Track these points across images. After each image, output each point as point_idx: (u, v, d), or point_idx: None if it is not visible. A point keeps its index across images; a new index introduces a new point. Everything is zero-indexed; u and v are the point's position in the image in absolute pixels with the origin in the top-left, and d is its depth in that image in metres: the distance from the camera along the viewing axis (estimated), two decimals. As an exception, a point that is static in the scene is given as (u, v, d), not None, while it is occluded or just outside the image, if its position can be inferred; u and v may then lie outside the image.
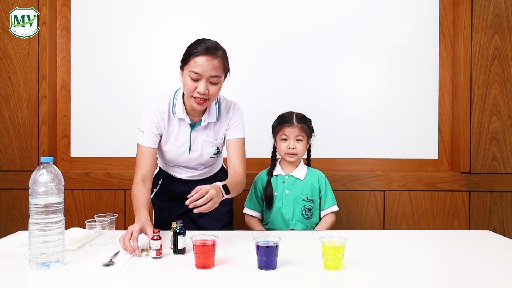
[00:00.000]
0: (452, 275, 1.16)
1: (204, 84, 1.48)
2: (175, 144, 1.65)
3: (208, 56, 1.47)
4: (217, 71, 1.49)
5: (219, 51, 1.50)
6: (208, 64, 1.47)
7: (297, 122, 1.81)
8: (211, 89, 1.50)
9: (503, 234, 2.24)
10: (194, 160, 1.70)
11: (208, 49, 1.47)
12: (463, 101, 2.30)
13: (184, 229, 1.30)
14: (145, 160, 1.59)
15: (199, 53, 1.47)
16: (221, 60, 1.50)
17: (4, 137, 2.30)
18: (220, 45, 1.54)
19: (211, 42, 1.52)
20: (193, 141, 1.64)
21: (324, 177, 1.88)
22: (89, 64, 2.40)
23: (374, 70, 2.42)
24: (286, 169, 1.86)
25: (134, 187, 1.55)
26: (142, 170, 1.58)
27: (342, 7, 2.39)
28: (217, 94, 1.54)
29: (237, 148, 1.64)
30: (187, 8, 2.39)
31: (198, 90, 1.48)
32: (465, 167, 2.30)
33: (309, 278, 1.10)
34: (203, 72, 1.47)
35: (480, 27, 2.29)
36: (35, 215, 1.14)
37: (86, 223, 1.46)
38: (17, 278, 1.11)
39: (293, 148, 1.80)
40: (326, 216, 1.85)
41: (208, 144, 1.66)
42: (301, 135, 1.81)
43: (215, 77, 1.49)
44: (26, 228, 1.28)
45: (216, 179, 1.81)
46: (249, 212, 1.88)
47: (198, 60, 1.47)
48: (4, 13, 2.27)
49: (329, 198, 1.86)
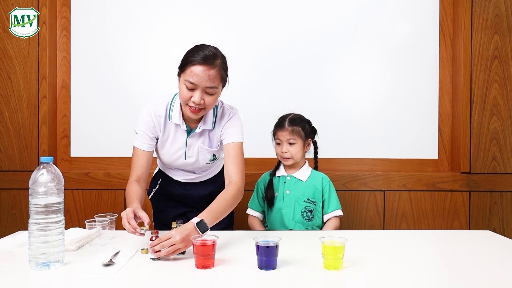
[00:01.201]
0: (452, 275, 1.16)
1: (200, 95, 1.43)
2: (171, 149, 1.63)
3: (205, 66, 1.40)
4: (214, 82, 1.43)
5: (217, 60, 1.44)
6: (205, 74, 1.41)
7: (289, 125, 1.79)
8: (206, 99, 1.45)
9: (503, 234, 2.24)
10: (190, 165, 1.68)
11: (206, 59, 1.41)
12: (463, 101, 2.30)
13: (184, 229, 1.30)
14: (140, 162, 1.58)
15: (196, 62, 1.41)
16: (218, 70, 1.44)
17: (4, 137, 2.30)
18: (219, 53, 1.48)
19: (210, 49, 1.45)
20: (189, 147, 1.62)
21: (328, 181, 1.85)
22: (89, 64, 2.40)
23: (374, 70, 2.42)
24: (289, 170, 1.86)
25: (128, 186, 1.53)
26: (136, 172, 1.56)
27: (342, 7, 2.39)
28: (213, 104, 1.49)
29: (232, 153, 1.56)
30: (187, 8, 2.39)
31: (193, 100, 1.43)
32: (465, 167, 2.30)
33: (309, 278, 1.10)
34: (199, 83, 1.41)
35: (480, 27, 2.29)
36: (35, 215, 1.14)
37: (86, 223, 1.46)
38: (17, 278, 1.11)
39: (286, 152, 1.78)
40: (330, 220, 1.82)
41: (204, 151, 1.64)
42: (293, 138, 1.78)
43: (211, 88, 1.44)
44: (26, 228, 1.28)
45: (214, 181, 1.81)
46: (250, 212, 1.88)
47: (194, 69, 1.41)
48: (4, 13, 2.27)
49: (333, 202, 1.83)
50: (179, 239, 1.22)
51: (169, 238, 1.22)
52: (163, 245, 1.22)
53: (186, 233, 1.24)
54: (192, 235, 1.24)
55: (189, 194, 1.77)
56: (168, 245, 1.22)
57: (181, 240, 1.23)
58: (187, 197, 1.77)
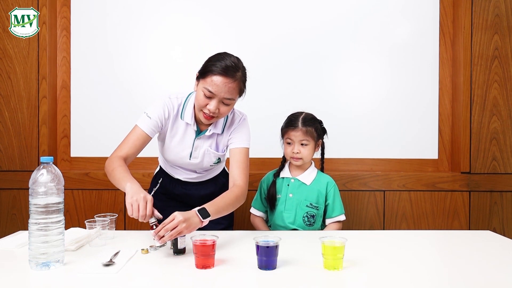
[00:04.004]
0: (452, 275, 1.16)
1: (216, 104, 1.45)
2: (177, 147, 1.63)
3: (226, 79, 1.42)
4: (232, 94, 1.45)
5: (238, 72, 1.45)
6: (224, 86, 1.42)
7: (302, 126, 1.74)
8: (222, 108, 1.47)
9: (503, 234, 2.24)
10: (193, 165, 1.69)
11: (227, 70, 1.42)
12: (463, 101, 2.30)
13: (184, 229, 1.30)
14: (136, 142, 1.53)
15: (217, 73, 1.42)
16: (238, 83, 1.46)
17: (4, 137, 2.30)
18: (241, 65, 1.49)
19: (232, 60, 1.45)
20: (195, 148, 1.62)
21: (333, 185, 1.80)
22: (89, 64, 2.40)
23: (374, 70, 2.42)
24: (294, 172, 1.81)
25: (114, 160, 1.46)
26: (127, 150, 1.51)
27: (342, 7, 2.39)
28: (227, 113, 1.52)
29: (238, 158, 1.58)
30: (187, 8, 2.39)
31: (209, 107, 1.45)
32: (465, 167, 2.30)
33: (309, 278, 1.10)
34: (217, 93, 1.43)
35: (480, 27, 2.29)
36: (35, 215, 1.14)
37: (86, 223, 1.46)
38: (17, 278, 1.10)
39: (298, 152, 1.73)
40: (332, 224, 1.80)
41: (210, 154, 1.65)
42: (306, 139, 1.74)
43: (228, 99, 1.46)
44: (26, 228, 1.28)
45: (215, 182, 1.81)
46: (253, 212, 1.87)
47: (215, 79, 1.42)
48: (4, 13, 2.27)
49: (337, 206, 1.79)
50: (182, 218, 1.24)
51: (172, 220, 1.24)
52: (167, 229, 1.23)
53: (188, 215, 1.27)
54: (194, 220, 1.27)
55: (190, 194, 1.77)
56: (171, 227, 1.23)
57: (184, 220, 1.24)
58: (187, 197, 1.77)
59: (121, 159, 1.47)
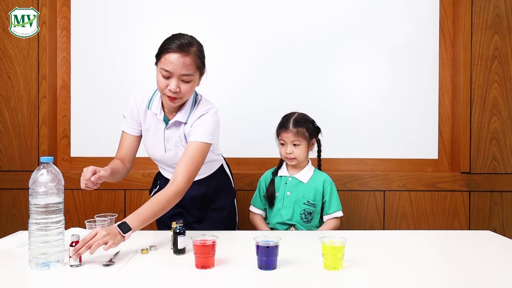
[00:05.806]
0: (452, 275, 1.16)
1: (176, 82, 1.44)
2: (152, 140, 1.64)
3: (180, 54, 1.42)
4: (189, 69, 1.44)
5: (192, 47, 1.45)
6: (179, 62, 1.42)
7: (293, 127, 1.78)
8: (182, 87, 1.46)
9: (503, 234, 2.23)
10: (171, 159, 1.64)
11: (181, 46, 1.42)
12: (463, 101, 2.30)
13: (184, 229, 1.30)
14: (123, 144, 1.63)
15: (170, 50, 1.42)
16: (193, 57, 1.45)
17: (4, 137, 2.30)
18: (195, 41, 1.49)
19: (186, 38, 1.46)
20: (167, 139, 1.61)
21: (330, 182, 1.84)
22: (89, 64, 2.40)
23: (374, 70, 2.42)
24: (291, 170, 1.86)
25: (111, 162, 1.57)
26: (120, 153, 1.62)
27: (342, 7, 2.39)
28: (190, 92, 1.49)
29: (189, 152, 1.49)
30: (187, 8, 2.39)
31: (169, 88, 1.44)
32: (465, 167, 2.30)
33: (309, 278, 1.10)
34: (174, 70, 1.42)
35: (480, 27, 2.29)
36: (35, 215, 1.14)
37: (86, 223, 1.46)
38: (17, 278, 1.11)
39: (290, 153, 1.78)
40: (329, 220, 1.83)
41: (181, 146, 1.60)
42: (298, 139, 1.78)
43: (186, 76, 1.44)
44: (26, 228, 1.28)
45: (207, 183, 1.73)
46: (252, 209, 1.90)
47: (169, 57, 1.42)
48: (4, 13, 2.26)
49: (334, 203, 1.82)
50: (105, 232, 1.20)
51: (95, 235, 1.19)
52: (89, 245, 1.17)
53: (109, 231, 1.22)
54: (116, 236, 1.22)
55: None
56: (94, 242, 1.17)
57: (107, 233, 1.20)
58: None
59: (115, 160, 1.58)
